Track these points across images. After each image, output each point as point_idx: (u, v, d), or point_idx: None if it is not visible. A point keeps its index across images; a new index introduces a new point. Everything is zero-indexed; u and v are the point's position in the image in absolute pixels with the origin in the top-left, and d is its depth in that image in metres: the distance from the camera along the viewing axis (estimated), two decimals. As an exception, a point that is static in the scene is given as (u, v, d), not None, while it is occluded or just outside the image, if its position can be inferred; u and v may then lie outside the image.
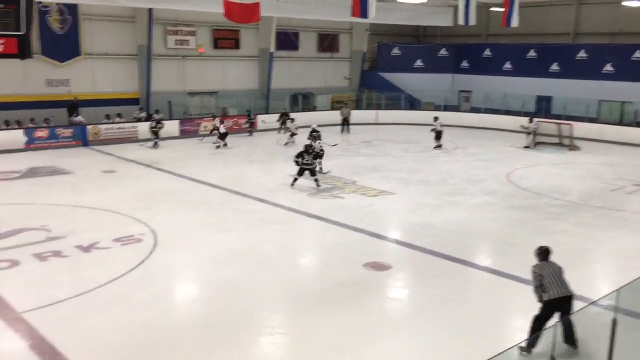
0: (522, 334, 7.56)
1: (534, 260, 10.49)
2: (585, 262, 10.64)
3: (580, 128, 24.35)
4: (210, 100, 28.24)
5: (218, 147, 21.83)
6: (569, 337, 6.84)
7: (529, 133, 23.23)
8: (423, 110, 30.51)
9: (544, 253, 7.20)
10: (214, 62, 28.38)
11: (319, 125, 20.79)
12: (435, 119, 22.73)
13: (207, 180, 16.41)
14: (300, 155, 15.59)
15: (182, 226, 12.29)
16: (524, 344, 6.91)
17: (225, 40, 28.46)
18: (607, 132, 25.11)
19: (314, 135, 19.58)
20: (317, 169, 16.45)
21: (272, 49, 29.13)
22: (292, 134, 22.99)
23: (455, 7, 23.35)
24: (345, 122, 26.96)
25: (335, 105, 30.96)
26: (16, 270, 9.61)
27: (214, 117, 23.86)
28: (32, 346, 7.17)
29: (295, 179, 15.51)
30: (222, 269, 9.95)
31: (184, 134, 24.23)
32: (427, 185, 16.41)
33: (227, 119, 24.58)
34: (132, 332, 7.63)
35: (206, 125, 24.46)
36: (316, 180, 15.53)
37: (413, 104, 31.62)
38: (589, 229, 12.59)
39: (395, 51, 33.89)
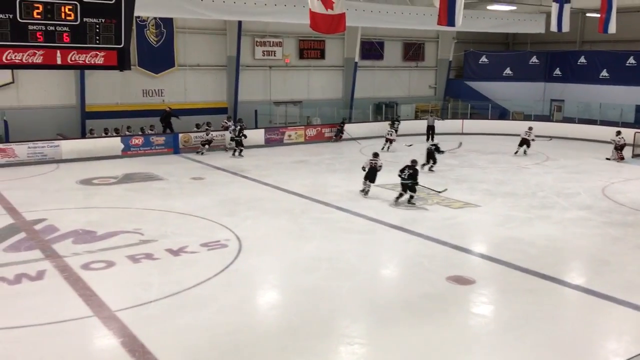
0: (616, 358, 7.11)
1: (631, 280, 9.93)
2: (690, 285, 9.86)
3: (686, 140, 22.67)
4: (295, 110, 28.73)
5: (201, 153, 22.29)
6: None
7: (618, 148, 21.84)
8: (512, 120, 29.58)
9: None
10: (299, 72, 28.88)
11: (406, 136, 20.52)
12: (530, 128, 22.98)
13: (289, 189, 16.66)
14: (403, 169, 14.90)
15: (266, 233, 12.53)
16: None
17: (310, 50, 28.90)
18: None
19: (431, 148, 19.44)
20: (363, 188, 15.63)
21: (357, 58, 29.26)
22: (391, 141, 23.73)
23: (548, 14, 22.50)
24: (431, 131, 26.57)
25: (419, 114, 30.62)
26: (112, 271, 10.15)
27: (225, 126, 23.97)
28: (124, 343, 7.53)
29: (400, 195, 14.83)
30: (304, 276, 10.04)
31: (269, 142, 24.76)
32: (515, 198, 15.82)
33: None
34: (217, 335, 7.85)
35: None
36: (411, 196, 14.74)
37: (501, 113, 30.69)
38: (695, 249, 11.67)
39: (483, 59, 33.05)
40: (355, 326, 8.39)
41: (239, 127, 22.83)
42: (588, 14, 28.39)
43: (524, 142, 22.66)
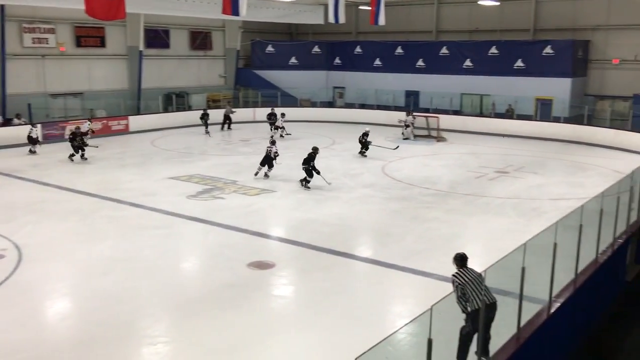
0: (402, 319, 7.87)
1: (410, 249, 11.10)
2: (456, 246, 11.15)
3: (446, 120, 25.93)
4: (76, 102, 26.59)
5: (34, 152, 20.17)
6: (485, 348, 6.24)
7: (407, 126, 24.45)
8: (300, 107, 30.90)
9: (460, 259, 6.53)
10: (77, 62, 26.71)
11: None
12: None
13: (76, 188, 15.43)
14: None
15: (51, 238, 11.46)
16: None
17: (89, 38, 26.89)
18: (470, 123, 26.94)
19: (362, 138, 20.40)
20: (264, 173, 16.62)
21: (142, 47, 27.97)
22: (278, 128, 24.29)
23: (326, 6, 23.83)
24: (228, 120, 26.66)
25: (210, 104, 30.42)
26: None
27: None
28: None
29: (302, 179, 15.88)
30: (98, 280, 9.40)
31: (48, 138, 22.54)
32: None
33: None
34: (-3, 358, 6.99)
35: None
36: (306, 180, 15.72)
37: (290, 101, 31.88)
38: (458, 215, 13.41)
39: (270, 49, 33.95)
40: (158, 325, 8.12)
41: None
42: (361, 7, 30.74)
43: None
